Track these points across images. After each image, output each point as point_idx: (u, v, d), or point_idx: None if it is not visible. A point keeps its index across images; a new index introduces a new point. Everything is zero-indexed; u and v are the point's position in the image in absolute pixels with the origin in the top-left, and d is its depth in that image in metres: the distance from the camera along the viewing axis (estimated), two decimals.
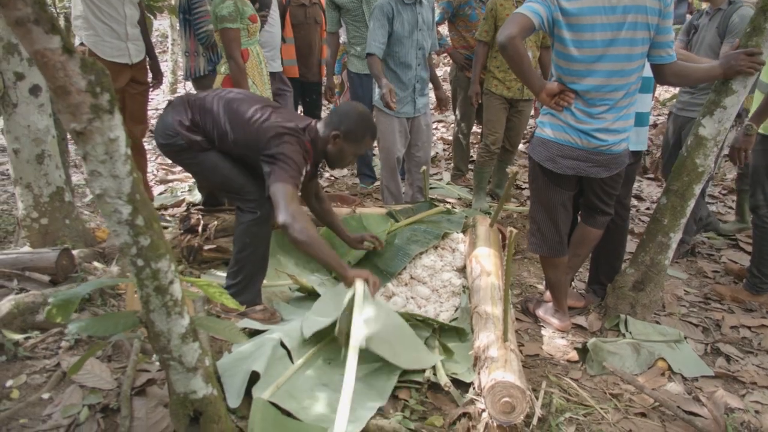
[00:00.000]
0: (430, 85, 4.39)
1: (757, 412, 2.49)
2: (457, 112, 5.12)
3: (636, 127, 2.91)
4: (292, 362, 2.29)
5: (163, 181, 5.44)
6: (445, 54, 5.26)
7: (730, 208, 5.17)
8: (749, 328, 3.17)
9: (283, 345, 2.32)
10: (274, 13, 4.35)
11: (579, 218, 3.04)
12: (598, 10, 2.39)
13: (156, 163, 5.97)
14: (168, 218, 4.13)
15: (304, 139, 2.65)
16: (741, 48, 2.61)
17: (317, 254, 2.44)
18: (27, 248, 2.85)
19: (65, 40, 1.26)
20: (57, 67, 1.27)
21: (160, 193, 5.05)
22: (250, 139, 2.62)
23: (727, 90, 2.68)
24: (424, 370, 2.34)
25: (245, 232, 2.68)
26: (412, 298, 3.03)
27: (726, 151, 4.47)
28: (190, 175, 5.27)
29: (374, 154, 6.09)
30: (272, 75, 4.53)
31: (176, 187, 5.22)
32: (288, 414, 2.00)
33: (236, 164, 2.73)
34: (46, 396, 1.93)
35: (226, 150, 2.72)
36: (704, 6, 3.93)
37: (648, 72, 2.70)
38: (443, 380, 2.26)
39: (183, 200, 4.68)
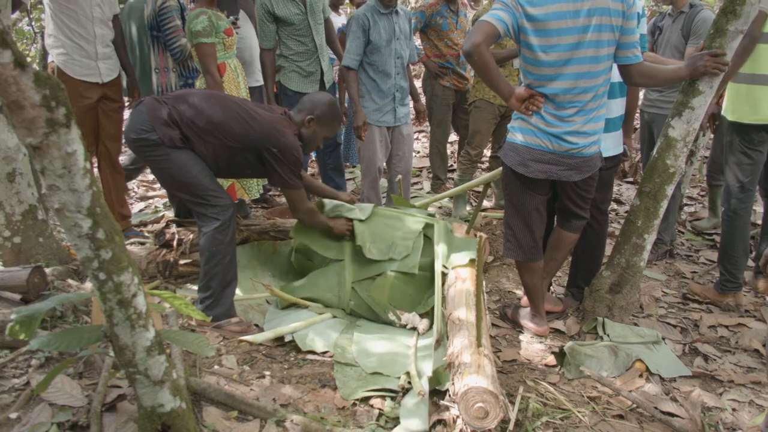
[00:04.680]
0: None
1: (734, 409, 2.50)
2: (434, 120, 5.13)
3: (611, 132, 2.93)
4: None
5: (143, 198, 5.42)
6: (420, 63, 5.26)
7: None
8: (727, 327, 3.20)
9: None
10: (248, 26, 4.31)
11: (555, 223, 3.06)
12: (564, 14, 2.42)
13: (136, 180, 5.94)
14: (147, 234, 4.11)
15: (294, 131, 2.88)
16: (705, 49, 2.65)
17: (318, 224, 3.12)
18: None
19: (17, 54, 1.26)
20: (9, 82, 1.26)
21: (141, 210, 5.03)
22: (245, 133, 2.74)
23: (694, 91, 2.71)
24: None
25: (210, 242, 2.68)
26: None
27: (704, 153, 4.56)
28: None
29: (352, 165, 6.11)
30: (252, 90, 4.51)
31: (156, 203, 5.20)
32: None
33: (206, 167, 2.74)
34: (14, 416, 1.90)
35: (202, 147, 2.73)
36: (665, 8, 4.05)
37: (615, 78, 2.73)
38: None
39: (162, 216, 4.65)
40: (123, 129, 4.11)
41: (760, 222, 4.49)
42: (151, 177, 6.01)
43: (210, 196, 2.71)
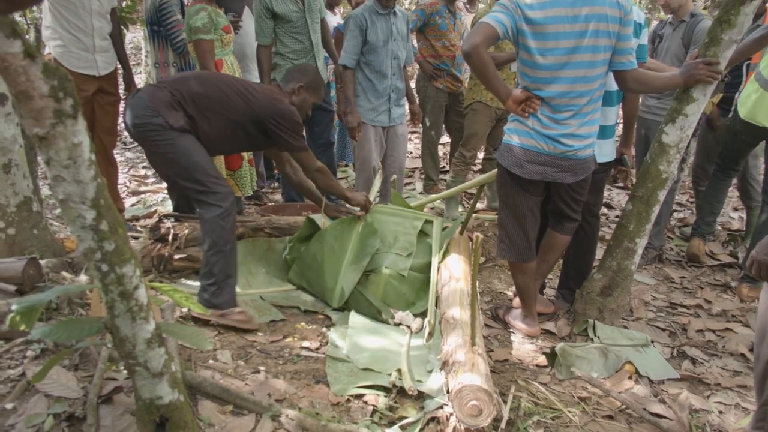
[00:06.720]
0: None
1: (720, 412, 2.54)
2: (426, 122, 5.15)
3: (607, 139, 2.97)
4: None
5: (135, 193, 5.40)
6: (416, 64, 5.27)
7: None
8: (714, 331, 3.24)
9: None
10: (251, 23, 4.31)
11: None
12: (562, 19, 2.45)
13: (128, 174, 5.93)
14: (140, 229, 4.10)
15: (288, 100, 3.07)
16: (700, 58, 2.70)
17: (331, 187, 3.29)
18: None
19: (26, 45, 1.27)
20: (18, 72, 1.27)
21: (132, 205, 5.01)
22: (247, 107, 2.89)
23: (688, 98, 2.75)
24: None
25: (212, 228, 2.69)
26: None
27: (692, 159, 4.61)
28: (162, 186, 5.25)
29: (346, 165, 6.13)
30: None
31: (148, 198, 5.18)
32: None
33: (207, 155, 2.80)
34: (9, 406, 1.90)
35: (206, 124, 2.80)
36: (663, 16, 4.12)
37: (612, 86, 2.77)
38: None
39: (155, 211, 4.65)
40: (118, 122, 4.12)
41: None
42: (142, 172, 6.00)
43: (212, 183, 2.73)
